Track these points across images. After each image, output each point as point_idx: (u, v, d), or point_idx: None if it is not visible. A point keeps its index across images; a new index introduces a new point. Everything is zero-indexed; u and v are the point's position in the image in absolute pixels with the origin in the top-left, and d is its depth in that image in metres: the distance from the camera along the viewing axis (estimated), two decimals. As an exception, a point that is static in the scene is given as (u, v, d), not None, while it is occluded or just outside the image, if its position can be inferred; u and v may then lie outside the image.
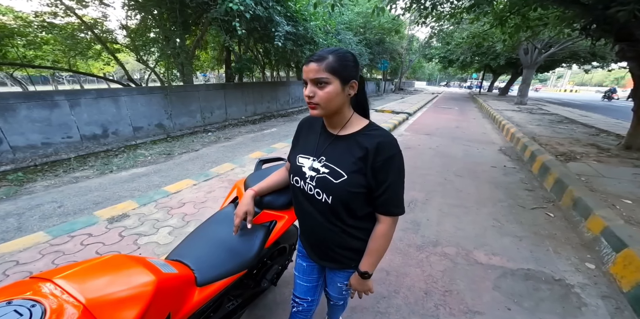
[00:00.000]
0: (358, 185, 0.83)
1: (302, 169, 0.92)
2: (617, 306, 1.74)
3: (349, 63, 0.78)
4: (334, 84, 0.77)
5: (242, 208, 1.06)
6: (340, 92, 0.79)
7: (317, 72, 0.75)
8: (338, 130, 0.88)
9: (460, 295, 1.80)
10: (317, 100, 0.78)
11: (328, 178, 0.85)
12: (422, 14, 5.37)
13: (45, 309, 0.57)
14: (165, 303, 0.77)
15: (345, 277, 1.04)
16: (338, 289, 1.12)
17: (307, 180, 0.90)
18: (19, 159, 4.11)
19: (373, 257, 0.92)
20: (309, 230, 1.00)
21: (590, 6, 3.71)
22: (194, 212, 2.66)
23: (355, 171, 0.82)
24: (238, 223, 1.06)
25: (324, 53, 0.76)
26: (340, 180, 0.83)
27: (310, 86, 0.78)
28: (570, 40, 10.81)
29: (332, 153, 0.87)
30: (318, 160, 0.88)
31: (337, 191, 0.84)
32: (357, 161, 0.82)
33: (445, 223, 2.67)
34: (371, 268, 0.93)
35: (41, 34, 6.97)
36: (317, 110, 0.81)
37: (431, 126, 7.90)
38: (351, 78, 0.80)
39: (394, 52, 20.23)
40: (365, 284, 0.97)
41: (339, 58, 0.76)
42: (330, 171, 0.85)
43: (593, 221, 2.43)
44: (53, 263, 1.94)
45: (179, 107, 6.52)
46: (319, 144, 0.92)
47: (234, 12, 5.06)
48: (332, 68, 0.75)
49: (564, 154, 4.35)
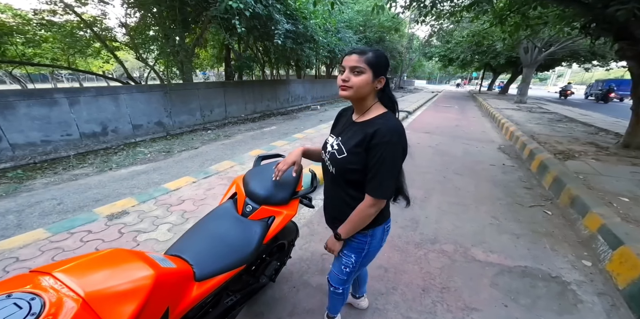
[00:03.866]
0: (354, 162, 0.98)
1: (327, 145, 1.12)
2: (612, 303, 1.75)
3: (383, 62, 0.93)
4: (367, 74, 0.92)
5: (291, 158, 1.18)
6: (370, 83, 0.93)
7: (357, 62, 0.90)
8: (358, 117, 1.04)
9: (457, 292, 1.81)
10: (350, 84, 0.93)
11: (334, 154, 1.04)
12: (422, 12, 5.37)
13: (44, 303, 0.57)
14: (163, 297, 0.78)
15: (346, 247, 1.15)
16: (339, 264, 1.19)
17: (327, 154, 1.09)
18: (18, 157, 4.11)
19: (347, 225, 1.05)
20: (326, 196, 1.19)
21: (590, 5, 3.70)
22: (194, 209, 2.67)
23: (354, 152, 0.98)
24: (284, 168, 1.15)
25: (365, 49, 0.92)
26: (341, 157, 1.01)
27: (348, 72, 0.93)
28: (570, 39, 10.79)
29: (346, 135, 1.04)
30: (337, 139, 1.07)
31: (338, 166, 1.03)
32: (357, 143, 0.97)
33: (443, 220, 2.68)
34: (344, 233, 1.07)
35: (40, 31, 6.94)
36: (347, 92, 0.94)
37: (431, 124, 7.90)
38: (381, 74, 0.95)
39: (394, 50, 20.14)
40: (334, 245, 1.12)
41: (376, 56, 0.92)
42: (338, 149, 1.03)
43: (590, 219, 2.44)
44: (53, 260, 1.94)
45: (179, 105, 6.51)
46: (342, 127, 1.10)
47: (233, 10, 5.05)
48: (369, 61, 0.91)
49: (562, 152, 4.35)
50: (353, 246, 1.12)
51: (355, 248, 1.13)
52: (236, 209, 1.25)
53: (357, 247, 1.12)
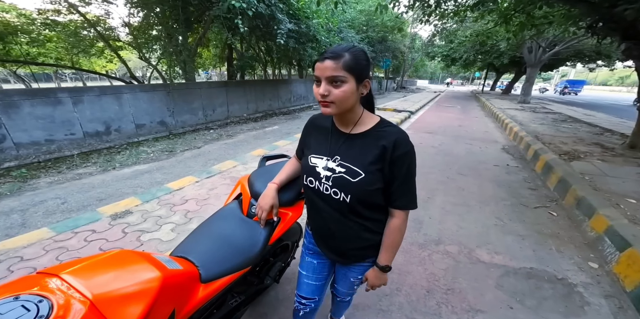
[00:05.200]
0: (376, 181, 0.83)
1: (315, 169, 0.90)
2: (620, 305, 1.74)
3: (363, 62, 0.76)
4: (350, 83, 0.74)
5: (268, 202, 1.08)
6: (355, 91, 0.77)
7: (333, 70, 0.72)
8: (350, 128, 0.87)
9: (462, 294, 1.79)
10: (332, 98, 0.75)
11: (345, 177, 0.84)
12: (426, 12, 5.33)
13: (52, 305, 0.57)
14: (170, 299, 0.77)
15: (359, 271, 1.06)
16: (350, 285, 1.12)
17: (323, 180, 0.88)
18: (22, 155, 4.13)
19: (390, 251, 0.94)
20: (325, 228, 0.98)
21: (597, 4, 3.66)
22: (197, 209, 2.67)
23: (372, 170, 0.82)
24: (265, 216, 1.09)
25: (340, 51, 0.73)
26: (358, 179, 0.82)
27: (325, 84, 0.75)
28: (575, 39, 10.70)
29: (347, 152, 0.86)
30: (332, 159, 0.87)
31: (355, 190, 0.83)
32: (375, 159, 0.82)
33: (447, 221, 2.66)
34: (390, 261, 0.96)
35: (44, 31, 6.98)
36: (331, 109, 0.78)
37: (434, 124, 7.87)
38: (365, 77, 0.78)
39: (396, 50, 20.08)
40: (384, 278, 1.00)
41: (354, 57, 0.73)
42: (346, 170, 0.84)
43: (597, 221, 2.41)
44: (57, 259, 1.95)
45: (181, 105, 6.52)
46: (331, 143, 0.90)
47: (236, 10, 5.05)
48: (348, 66, 0.72)
49: (567, 153, 4.32)
50: (364, 267, 1.05)
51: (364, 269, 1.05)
52: (241, 210, 1.25)
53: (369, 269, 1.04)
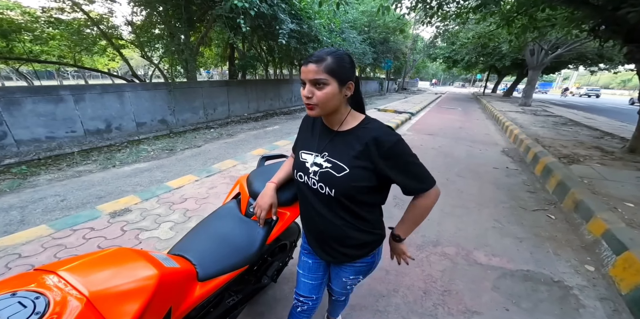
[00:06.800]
0: (361, 178, 0.86)
1: (305, 165, 0.95)
2: (615, 308, 1.74)
3: (346, 65, 0.80)
4: (332, 85, 0.78)
5: (267, 201, 1.10)
6: (338, 93, 0.80)
7: (315, 73, 0.77)
8: (337, 127, 0.91)
9: (459, 295, 1.80)
10: (315, 100, 0.80)
11: (331, 172, 0.88)
12: (428, 14, 5.34)
13: (49, 301, 0.57)
14: (167, 297, 0.78)
15: (351, 272, 1.07)
16: (342, 284, 1.14)
17: (311, 175, 0.92)
18: (23, 152, 4.15)
19: (406, 224, 0.99)
20: (314, 224, 1.01)
21: (600, 7, 3.66)
22: (196, 208, 2.68)
23: (357, 166, 0.85)
24: (264, 215, 1.10)
25: (323, 55, 0.78)
26: (342, 174, 0.86)
27: (309, 86, 0.79)
28: (577, 42, 10.70)
29: (334, 148, 0.90)
30: (320, 155, 0.92)
31: (339, 185, 0.87)
32: (358, 155, 0.85)
33: (446, 223, 2.67)
34: (404, 233, 1.00)
35: (48, 29, 7.00)
36: (315, 111, 0.83)
37: (434, 126, 7.87)
38: (348, 79, 0.82)
39: (398, 51, 20.06)
40: (399, 247, 1.04)
41: (337, 60, 0.78)
42: (332, 165, 0.88)
43: (594, 224, 2.42)
44: (55, 257, 1.96)
45: (182, 103, 6.54)
46: (320, 140, 0.95)
47: (238, 9, 5.06)
48: (330, 69, 0.77)
49: (567, 156, 4.32)
50: (361, 270, 1.07)
51: (362, 271, 1.09)
52: (239, 209, 1.25)
53: (365, 270, 1.08)
